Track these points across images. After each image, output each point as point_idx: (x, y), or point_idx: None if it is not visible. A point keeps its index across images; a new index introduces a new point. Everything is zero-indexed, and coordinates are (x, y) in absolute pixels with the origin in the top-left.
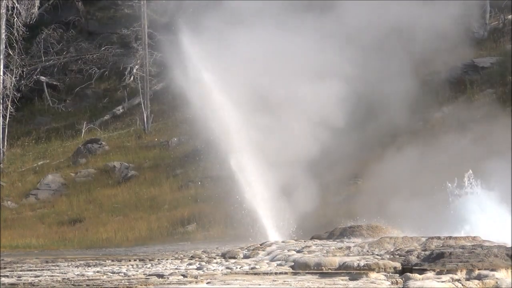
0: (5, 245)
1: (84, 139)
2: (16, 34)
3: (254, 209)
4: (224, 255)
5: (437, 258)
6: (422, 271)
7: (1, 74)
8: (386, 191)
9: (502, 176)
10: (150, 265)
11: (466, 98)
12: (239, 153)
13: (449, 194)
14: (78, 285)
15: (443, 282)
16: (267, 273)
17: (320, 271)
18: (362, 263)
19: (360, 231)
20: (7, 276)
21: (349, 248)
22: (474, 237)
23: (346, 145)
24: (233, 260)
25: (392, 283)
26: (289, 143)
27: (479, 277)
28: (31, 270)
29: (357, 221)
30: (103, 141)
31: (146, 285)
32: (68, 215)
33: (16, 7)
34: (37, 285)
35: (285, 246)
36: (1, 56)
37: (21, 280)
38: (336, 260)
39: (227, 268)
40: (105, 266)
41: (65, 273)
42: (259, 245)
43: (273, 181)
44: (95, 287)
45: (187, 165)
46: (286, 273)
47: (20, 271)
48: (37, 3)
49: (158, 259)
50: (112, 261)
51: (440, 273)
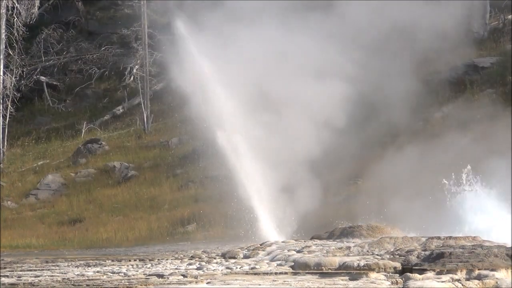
0: (5, 245)
1: (84, 139)
2: (16, 34)
3: (254, 209)
4: (224, 255)
5: (437, 258)
6: (422, 271)
7: (1, 74)
8: (386, 191)
9: (502, 176)
10: (150, 265)
11: (466, 98)
12: (228, 130)
13: (446, 192)
14: (78, 285)
15: (443, 282)
16: (267, 273)
17: (320, 271)
18: (362, 263)
19: (360, 231)
20: (7, 276)
21: (349, 248)
22: (474, 237)
23: (346, 145)
24: (233, 260)
25: (392, 283)
26: (289, 142)
27: (479, 277)
28: (31, 270)
29: (357, 221)
30: (103, 141)
31: (146, 285)
32: (68, 215)
33: (16, 7)
34: (37, 285)
35: (285, 246)
36: (1, 56)
37: (21, 280)
38: (336, 260)
39: (227, 268)
40: (105, 266)
41: (65, 273)
42: (259, 245)
43: (273, 181)
44: (95, 287)
45: (187, 165)
46: (286, 273)
47: (20, 271)
48: (37, 3)
49: (158, 259)
50: (112, 261)
51: (440, 273)
